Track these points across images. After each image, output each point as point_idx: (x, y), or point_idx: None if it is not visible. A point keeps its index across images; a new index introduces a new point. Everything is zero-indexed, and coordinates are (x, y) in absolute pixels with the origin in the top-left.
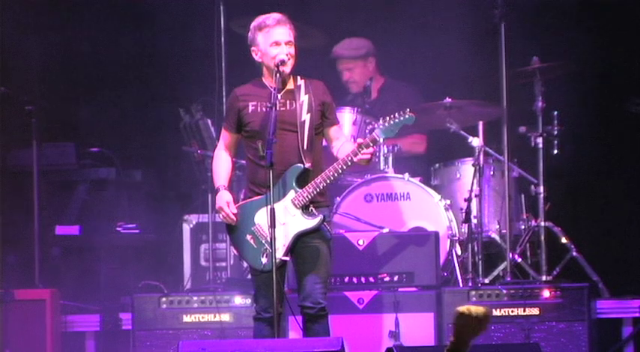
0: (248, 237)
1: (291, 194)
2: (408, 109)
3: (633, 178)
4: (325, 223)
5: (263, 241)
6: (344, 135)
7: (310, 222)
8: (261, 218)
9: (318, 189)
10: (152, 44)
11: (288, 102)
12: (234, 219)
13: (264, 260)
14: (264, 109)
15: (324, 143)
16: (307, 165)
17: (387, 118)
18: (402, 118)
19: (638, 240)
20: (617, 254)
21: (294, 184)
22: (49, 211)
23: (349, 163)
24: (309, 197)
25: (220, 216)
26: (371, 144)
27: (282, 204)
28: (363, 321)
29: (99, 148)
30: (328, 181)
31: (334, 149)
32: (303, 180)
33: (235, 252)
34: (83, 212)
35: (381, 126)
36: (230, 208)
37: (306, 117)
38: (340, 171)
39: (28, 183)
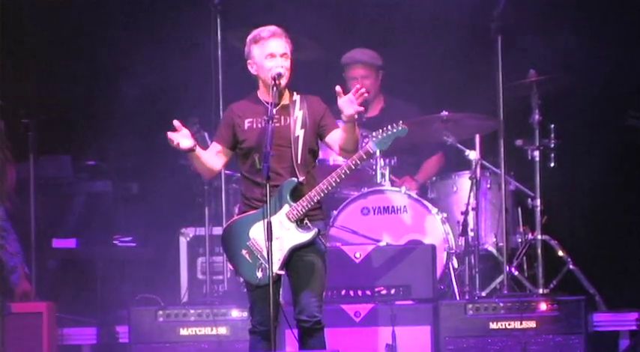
0: (243, 251)
1: (286, 208)
2: (401, 121)
3: (630, 191)
4: (320, 236)
5: (258, 255)
6: None
7: (305, 236)
8: (256, 232)
9: (312, 203)
10: (149, 57)
11: (282, 117)
12: (172, 138)
13: (259, 274)
14: (259, 126)
15: (322, 156)
16: (301, 178)
17: (380, 131)
18: (394, 130)
19: (635, 252)
20: (614, 267)
21: (288, 198)
22: (46, 224)
23: (343, 176)
24: (304, 211)
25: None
26: (364, 158)
27: (276, 218)
28: (360, 334)
29: (95, 161)
30: (322, 194)
31: (337, 148)
32: (297, 194)
33: (231, 267)
34: (80, 225)
35: (374, 139)
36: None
37: (299, 132)
38: (334, 184)
39: (25, 195)
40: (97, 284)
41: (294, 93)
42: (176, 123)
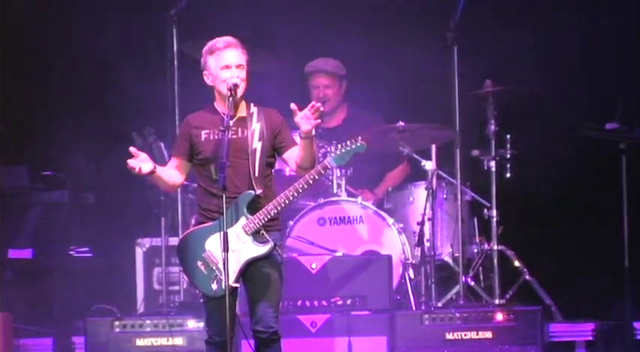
0: (199, 263)
1: (242, 221)
2: (360, 137)
3: (585, 202)
4: (276, 247)
5: (213, 267)
6: None
7: (261, 249)
8: (211, 244)
9: (269, 216)
10: (105, 67)
11: (239, 129)
12: (132, 164)
13: (214, 286)
14: (216, 137)
15: (278, 166)
16: (258, 191)
17: (339, 146)
18: (353, 146)
19: (591, 263)
20: (570, 277)
21: (245, 211)
22: (2, 234)
23: (300, 190)
24: (260, 224)
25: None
26: (322, 173)
27: (233, 230)
28: (316, 345)
29: (52, 171)
30: (279, 208)
31: (294, 165)
32: (254, 206)
33: (186, 278)
34: (36, 235)
35: (332, 155)
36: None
37: (257, 145)
38: (292, 198)
39: None
40: (53, 294)
41: (252, 105)
42: (132, 149)
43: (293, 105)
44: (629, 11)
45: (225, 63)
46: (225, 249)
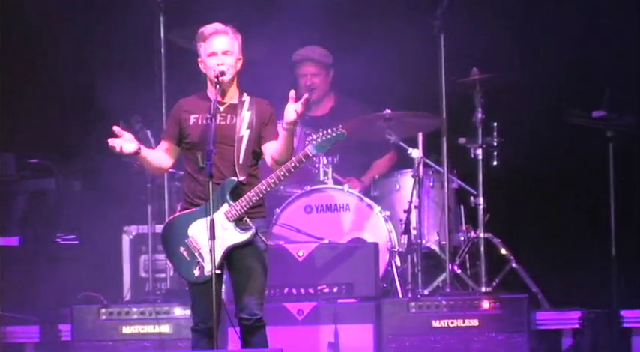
0: (181, 249)
1: (225, 207)
2: (340, 126)
3: (572, 189)
4: (260, 234)
5: (196, 253)
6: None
7: (242, 236)
8: (194, 230)
9: (250, 203)
10: (91, 55)
11: (229, 116)
12: (112, 143)
13: (196, 272)
14: (204, 122)
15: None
16: (241, 178)
17: (320, 134)
18: (334, 134)
19: (578, 251)
20: (557, 265)
21: (227, 197)
22: None
23: (282, 178)
24: (242, 211)
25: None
26: (303, 161)
27: (216, 217)
28: (303, 332)
29: (39, 159)
30: (261, 195)
31: (269, 159)
32: (237, 193)
33: (170, 264)
34: (23, 223)
35: (313, 142)
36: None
37: (244, 132)
38: (273, 185)
39: None
40: (39, 282)
41: (245, 94)
42: (116, 128)
43: (292, 93)
44: None
45: (212, 50)
46: (212, 236)
